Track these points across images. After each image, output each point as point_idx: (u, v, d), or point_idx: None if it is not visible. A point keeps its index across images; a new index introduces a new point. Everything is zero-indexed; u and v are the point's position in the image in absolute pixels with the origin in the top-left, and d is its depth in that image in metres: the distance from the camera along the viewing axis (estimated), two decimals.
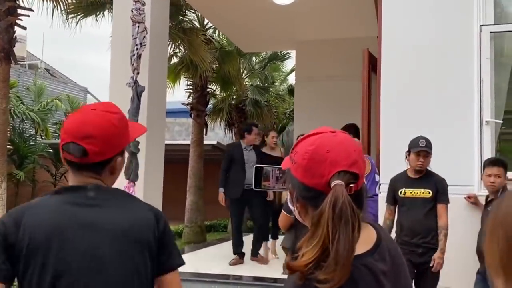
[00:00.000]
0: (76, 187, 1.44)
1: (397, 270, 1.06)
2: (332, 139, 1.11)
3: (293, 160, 1.12)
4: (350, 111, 7.56)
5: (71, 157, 1.42)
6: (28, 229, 1.34)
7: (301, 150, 1.11)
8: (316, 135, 1.12)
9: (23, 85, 18.37)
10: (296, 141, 1.16)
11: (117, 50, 5.24)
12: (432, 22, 4.34)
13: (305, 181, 1.08)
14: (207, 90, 11.99)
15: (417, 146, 3.83)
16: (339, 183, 1.03)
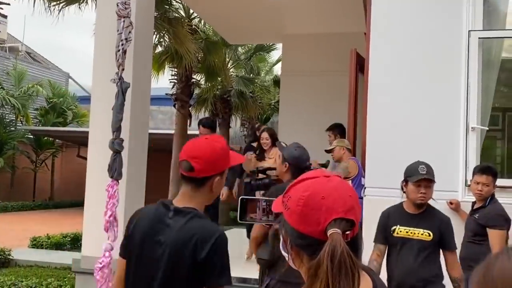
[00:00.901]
0: (166, 205, 1.90)
1: None
2: (327, 184, 1.06)
3: (286, 206, 1.07)
4: (335, 106, 7.57)
5: (182, 171, 1.89)
6: (134, 228, 1.92)
7: (295, 196, 1.06)
8: (309, 179, 1.08)
9: (3, 69, 17.98)
10: (289, 185, 1.12)
11: (101, 45, 5.12)
12: (420, 26, 4.32)
13: (300, 228, 1.04)
14: (192, 81, 11.86)
15: (417, 174, 3.21)
16: (336, 231, 0.99)
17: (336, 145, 5.25)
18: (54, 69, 23.22)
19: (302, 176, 1.11)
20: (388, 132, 4.29)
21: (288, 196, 1.09)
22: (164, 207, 1.88)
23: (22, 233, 10.45)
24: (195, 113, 14.31)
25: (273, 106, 17.23)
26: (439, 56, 4.25)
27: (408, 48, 4.33)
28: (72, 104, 19.22)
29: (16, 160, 17.37)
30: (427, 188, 3.18)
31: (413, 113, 4.26)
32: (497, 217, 3.62)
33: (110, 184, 4.59)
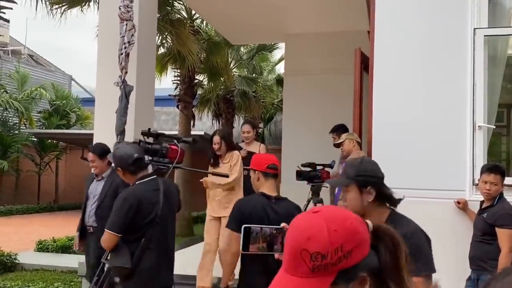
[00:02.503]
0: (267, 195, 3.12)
1: None
2: (329, 209, 1.05)
3: (345, 256, 0.96)
4: (339, 105, 7.54)
5: (271, 170, 3.10)
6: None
7: (347, 235, 0.96)
8: (323, 219, 0.98)
9: (5, 72, 18.01)
10: (314, 251, 0.95)
11: (104, 48, 5.11)
12: (425, 24, 4.28)
13: (366, 252, 0.99)
14: (195, 82, 11.85)
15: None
16: (369, 221, 1.07)
17: (346, 138, 5.14)
18: (56, 71, 23.25)
19: (308, 230, 0.97)
20: (394, 131, 4.27)
21: (339, 247, 0.95)
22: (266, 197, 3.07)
23: (27, 237, 10.47)
24: (198, 114, 14.31)
25: (276, 106, 17.21)
26: (444, 54, 4.21)
27: (413, 46, 4.29)
28: (75, 106, 19.25)
29: (20, 163, 17.41)
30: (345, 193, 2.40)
31: (419, 112, 4.23)
32: (506, 216, 3.59)
33: None
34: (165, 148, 3.41)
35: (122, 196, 3.06)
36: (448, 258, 3.85)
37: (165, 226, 3.13)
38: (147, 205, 3.04)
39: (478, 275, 3.63)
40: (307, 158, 6.26)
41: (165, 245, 3.15)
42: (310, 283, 0.93)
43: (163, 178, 3.30)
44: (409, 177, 4.16)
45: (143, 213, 3.02)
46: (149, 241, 3.03)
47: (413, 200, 4.09)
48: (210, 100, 14.01)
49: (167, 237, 3.17)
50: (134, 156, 3.09)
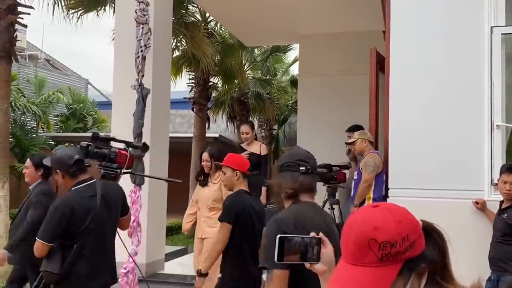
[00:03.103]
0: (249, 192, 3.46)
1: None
2: (387, 204, 1.09)
3: (411, 245, 1.00)
4: (355, 106, 7.51)
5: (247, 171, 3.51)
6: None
7: (410, 226, 1.02)
8: (387, 211, 1.03)
9: (23, 77, 18.27)
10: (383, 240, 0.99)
11: (121, 52, 5.17)
12: (441, 23, 4.25)
13: (424, 243, 1.04)
14: (209, 84, 11.90)
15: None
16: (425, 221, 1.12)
17: (358, 138, 5.07)
18: (73, 75, 23.52)
19: (375, 220, 1.02)
20: (410, 131, 4.24)
21: (405, 237, 0.99)
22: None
23: None
24: (213, 116, 14.37)
25: (290, 107, 17.19)
26: (461, 53, 4.18)
27: (429, 45, 4.26)
28: (92, 109, 19.43)
29: None
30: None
31: (436, 112, 4.20)
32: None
33: (133, 190, 4.64)
34: (114, 153, 3.38)
35: (55, 205, 3.03)
36: (468, 258, 3.81)
37: (102, 231, 3.10)
38: (81, 212, 2.99)
39: (498, 276, 3.59)
40: (323, 159, 6.23)
41: (102, 250, 3.11)
42: (379, 271, 0.98)
43: (106, 182, 3.26)
44: (426, 177, 4.14)
45: (76, 220, 2.97)
46: (82, 247, 2.99)
47: (431, 201, 4.07)
48: (224, 102, 14.05)
49: (105, 241, 3.14)
50: (74, 157, 3.06)
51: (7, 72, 6.20)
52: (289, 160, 2.11)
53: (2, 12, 6.10)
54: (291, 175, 2.07)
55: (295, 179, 2.06)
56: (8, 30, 6.19)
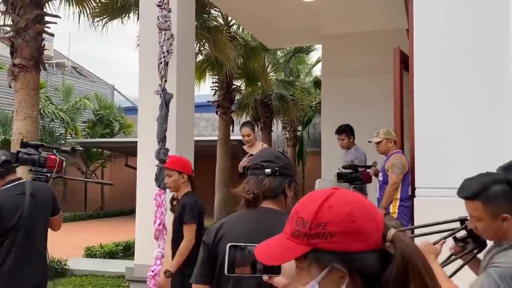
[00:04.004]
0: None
1: None
2: (347, 192, 0.97)
3: (325, 235, 0.91)
4: (379, 105, 7.44)
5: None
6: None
7: (337, 216, 0.92)
8: (332, 195, 0.95)
9: (51, 85, 18.68)
10: (301, 216, 0.94)
11: (145, 58, 5.24)
12: (466, 21, 4.18)
13: (358, 247, 0.91)
14: (233, 87, 11.97)
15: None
16: (395, 230, 0.94)
17: (384, 137, 5.01)
18: (99, 82, 23.95)
19: (312, 198, 0.96)
20: (436, 131, 4.18)
21: (322, 223, 0.91)
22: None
23: (76, 243, 10.80)
24: (237, 119, 14.43)
25: (314, 108, 17.14)
26: (486, 51, 4.10)
27: (453, 43, 4.19)
28: (118, 115, 19.76)
29: (67, 172, 17.98)
30: None
31: (462, 111, 4.12)
32: None
33: (158, 193, 4.69)
34: (43, 158, 3.50)
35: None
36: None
37: (31, 228, 3.21)
38: (8, 211, 3.12)
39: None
40: None
41: (31, 246, 3.21)
42: (288, 244, 0.94)
43: (35, 182, 3.39)
44: (453, 176, 4.07)
45: (4, 218, 3.10)
46: (12, 244, 3.11)
47: (459, 200, 4.00)
48: (248, 105, 14.11)
49: (33, 238, 3.24)
50: (2, 159, 3.20)
51: (36, 80, 6.36)
52: (255, 162, 1.87)
53: (30, 22, 6.27)
54: (255, 179, 1.82)
55: (259, 183, 1.80)
56: (36, 39, 6.35)
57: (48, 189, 3.46)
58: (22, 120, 6.16)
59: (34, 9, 6.30)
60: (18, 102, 6.23)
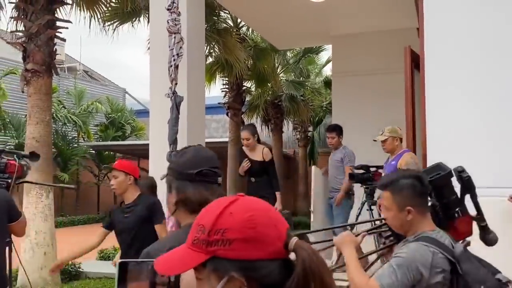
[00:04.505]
0: None
1: None
2: (252, 200, 0.94)
3: (224, 241, 0.88)
4: (390, 105, 7.40)
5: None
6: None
7: (236, 223, 0.88)
8: (234, 202, 0.92)
9: (63, 89, 18.86)
10: (202, 223, 0.91)
11: (156, 61, 5.28)
12: (477, 18, 4.15)
13: (256, 255, 0.87)
14: (243, 88, 11.99)
15: None
16: (296, 238, 0.90)
17: (389, 135, 4.91)
18: (110, 85, 24.12)
19: (214, 205, 0.93)
20: (449, 131, 4.15)
21: (221, 230, 0.88)
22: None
23: None
24: (247, 120, 14.44)
25: (325, 108, 17.10)
26: (499, 49, 4.06)
27: (465, 42, 4.16)
28: (129, 118, 19.88)
29: (80, 175, 18.13)
30: None
31: (474, 111, 4.09)
32: None
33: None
34: (3, 164, 3.50)
35: None
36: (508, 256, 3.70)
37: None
38: None
39: None
40: (359, 160, 6.18)
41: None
42: (187, 254, 0.91)
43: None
44: None
45: None
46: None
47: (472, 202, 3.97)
48: (258, 106, 14.12)
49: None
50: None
51: (48, 85, 6.43)
52: (204, 168, 1.61)
53: (42, 28, 6.33)
54: (205, 187, 1.57)
55: (213, 192, 1.57)
56: (48, 44, 6.42)
57: (4, 195, 3.43)
58: (35, 124, 6.22)
59: (46, 15, 6.36)
60: (30, 107, 6.30)
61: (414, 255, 1.88)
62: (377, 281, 1.87)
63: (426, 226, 2.00)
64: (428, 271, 1.85)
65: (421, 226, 1.99)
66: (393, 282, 1.84)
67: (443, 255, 1.89)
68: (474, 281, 1.84)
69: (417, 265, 1.85)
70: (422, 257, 1.87)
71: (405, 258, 1.88)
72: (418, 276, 1.85)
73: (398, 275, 1.84)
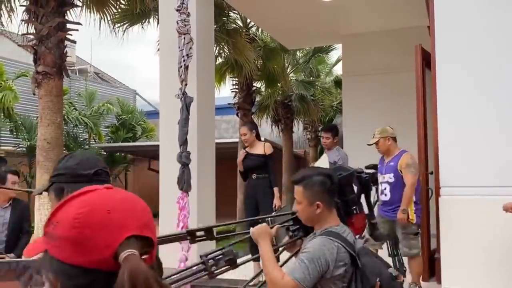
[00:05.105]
0: None
1: None
2: (112, 195, 0.82)
3: (52, 236, 0.78)
4: (401, 104, 7.35)
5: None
6: None
7: (67, 217, 0.77)
8: (86, 193, 0.81)
9: (74, 91, 18.97)
10: (55, 207, 0.82)
11: (166, 62, 5.29)
12: (488, 16, 4.10)
13: (78, 260, 0.75)
14: (253, 89, 11.98)
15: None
16: (132, 252, 0.75)
17: (379, 137, 4.79)
18: (121, 87, 24.23)
19: (75, 192, 0.83)
20: (460, 129, 4.10)
21: (55, 221, 0.78)
22: None
23: None
24: (257, 120, 14.42)
25: (335, 108, 17.01)
26: (510, 46, 4.01)
27: (476, 39, 4.12)
28: (140, 119, 19.94)
29: None
30: None
31: (486, 109, 4.04)
32: None
33: (181, 196, 4.72)
34: None
35: None
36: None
37: None
38: None
39: None
40: (371, 160, 6.12)
41: None
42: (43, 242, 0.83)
43: None
44: (479, 175, 3.99)
45: None
46: None
47: (485, 199, 3.92)
48: (268, 106, 14.09)
49: None
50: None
51: (59, 87, 6.46)
52: (99, 168, 1.63)
53: (52, 30, 6.36)
54: None
55: None
56: (58, 46, 6.45)
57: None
58: (46, 126, 6.25)
59: (56, 17, 6.39)
60: (41, 109, 6.33)
61: (322, 249, 2.02)
62: (290, 276, 1.99)
63: (332, 221, 2.15)
64: (333, 264, 2.01)
65: (328, 221, 2.15)
66: (306, 276, 1.98)
67: (345, 250, 2.04)
68: (371, 274, 2.00)
69: (326, 259, 2.00)
70: (328, 251, 2.02)
71: (314, 252, 2.02)
72: (326, 269, 2.00)
73: (309, 269, 1.98)
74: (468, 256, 3.93)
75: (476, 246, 3.90)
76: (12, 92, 13.35)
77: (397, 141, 5.02)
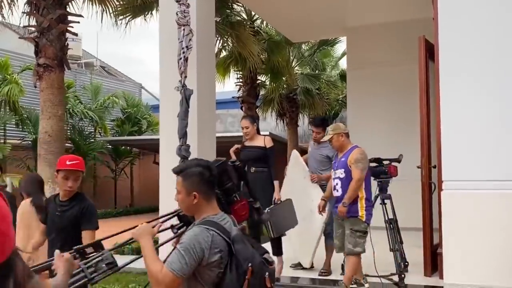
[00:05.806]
0: None
1: None
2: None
3: None
4: (406, 96, 7.26)
5: None
6: None
7: None
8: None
9: (80, 84, 18.98)
10: None
11: (165, 54, 5.23)
12: (492, 8, 4.01)
13: None
14: (257, 82, 11.91)
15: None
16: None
17: (333, 133, 4.59)
18: (127, 80, 24.23)
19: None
20: (463, 121, 4.03)
21: None
22: None
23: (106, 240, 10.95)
24: (262, 114, 14.36)
25: (341, 101, 16.92)
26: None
27: (480, 31, 4.03)
28: (146, 113, 19.94)
29: (97, 170, 18.26)
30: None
31: (489, 101, 3.97)
32: None
33: None
34: None
35: None
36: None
37: None
38: None
39: None
40: (374, 153, 6.04)
41: None
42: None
43: None
44: (483, 168, 3.92)
45: None
46: None
47: (487, 192, 3.85)
48: (273, 100, 14.02)
49: None
50: None
51: (60, 80, 6.44)
52: None
53: (53, 22, 6.34)
54: None
55: None
56: (59, 39, 6.42)
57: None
58: (47, 119, 6.24)
59: (57, 9, 6.37)
60: (43, 102, 6.32)
61: (197, 238, 2.10)
62: (168, 267, 2.07)
63: (210, 210, 2.21)
64: (208, 252, 2.08)
65: (206, 210, 2.21)
66: (183, 266, 2.06)
67: (221, 237, 2.12)
68: (243, 259, 2.08)
69: (201, 247, 2.08)
70: (203, 239, 2.09)
71: (190, 242, 2.09)
72: (201, 256, 2.08)
73: (186, 259, 2.06)
74: (471, 250, 3.86)
75: (479, 240, 3.83)
76: (17, 85, 13.36)
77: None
